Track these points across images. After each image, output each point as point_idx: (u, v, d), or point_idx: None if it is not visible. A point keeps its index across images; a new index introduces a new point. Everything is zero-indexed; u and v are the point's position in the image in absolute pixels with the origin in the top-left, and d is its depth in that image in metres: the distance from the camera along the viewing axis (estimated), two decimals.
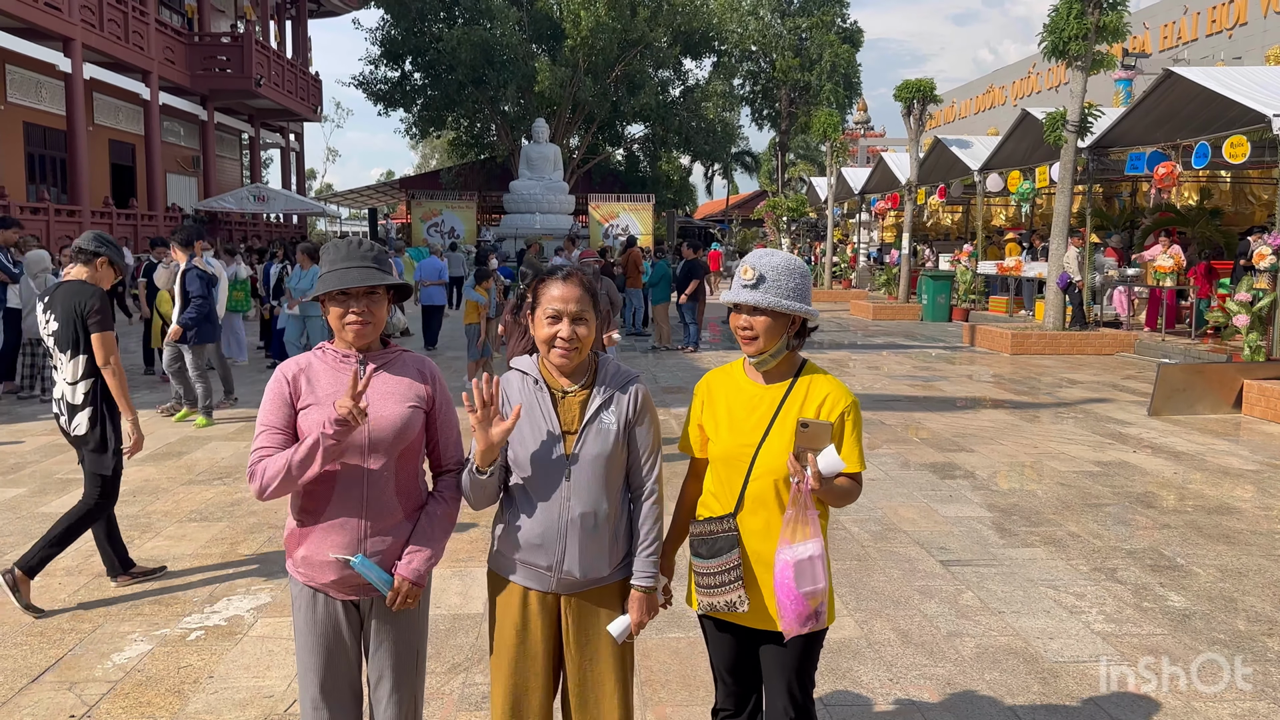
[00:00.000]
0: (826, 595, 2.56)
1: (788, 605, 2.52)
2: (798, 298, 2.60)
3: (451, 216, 37.79)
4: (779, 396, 2.64)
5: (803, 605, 2.51)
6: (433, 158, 73.74)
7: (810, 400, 2.62)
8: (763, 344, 2.61)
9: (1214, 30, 26.09)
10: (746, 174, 51.15)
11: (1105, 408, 10.66)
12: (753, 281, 2.58)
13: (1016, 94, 37.30)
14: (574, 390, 2.65)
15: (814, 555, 2.50)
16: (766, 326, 2.59)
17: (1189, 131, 14.89)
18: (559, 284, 2.60)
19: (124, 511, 6.47)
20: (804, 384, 2.66)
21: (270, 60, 31.49)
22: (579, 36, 34.56)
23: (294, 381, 2.60)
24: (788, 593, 2.51)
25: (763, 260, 2.61)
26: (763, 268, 2.58)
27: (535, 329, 2.62)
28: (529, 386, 2.65)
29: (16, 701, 3.84)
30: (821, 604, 2.55)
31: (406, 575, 2.60)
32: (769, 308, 2.57)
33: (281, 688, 3.98)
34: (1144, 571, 5.45)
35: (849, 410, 2.62)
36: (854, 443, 2.62)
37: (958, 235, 28.66)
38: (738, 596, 2.59)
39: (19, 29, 20.52)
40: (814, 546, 2.51)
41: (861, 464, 2.63)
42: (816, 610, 2.54)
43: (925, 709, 3.84)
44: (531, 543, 2.60)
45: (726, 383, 2.75)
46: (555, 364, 2.62)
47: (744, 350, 2.66)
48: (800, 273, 2.62)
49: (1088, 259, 16.62)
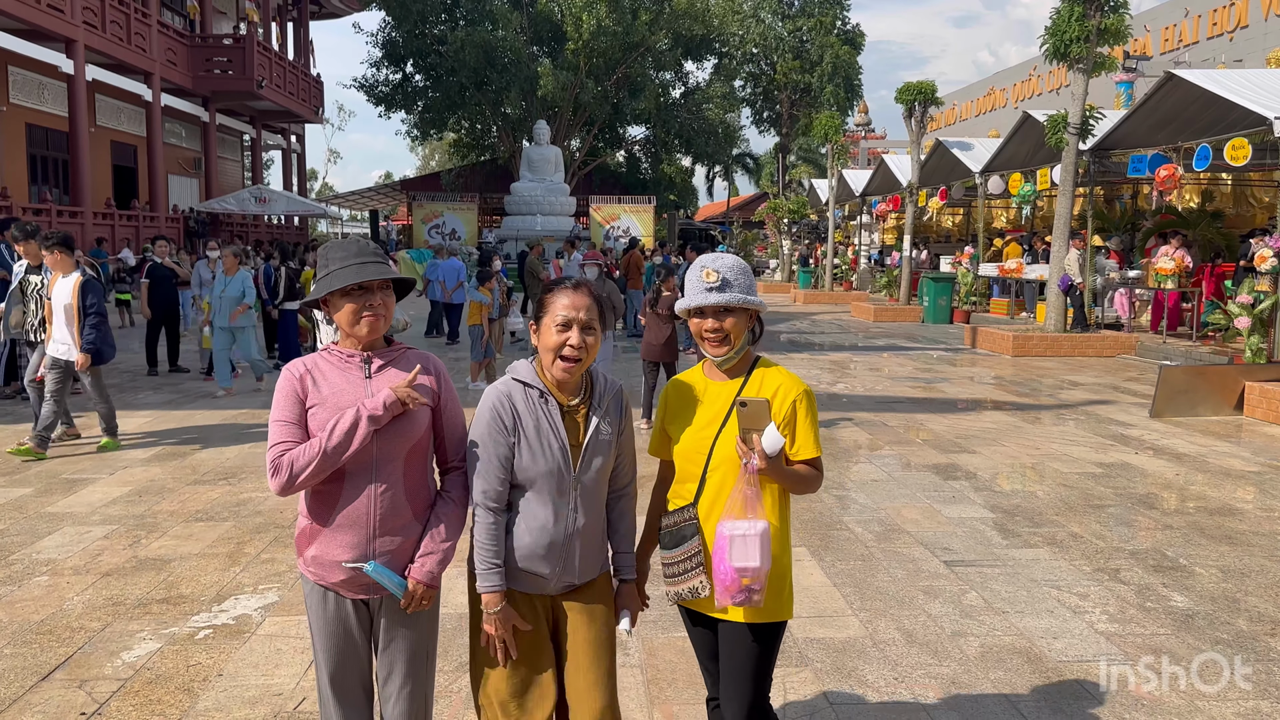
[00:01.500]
0: (762, 577, 2.59)
1: (718, 576, 2.62)
2: (754, 292, 2.75)
3: (452, 218, 37.83)
4: (735, 389, 2.73)
5: (731, 578, 2.58)
6: (433, 159, 73.82)
7: (764, 390, 2.72)
8: (733, 342, 2.71)
9: (1215, 33, 26.13)
10: (748, 176, 51.17)
11: (1107, 409, 10.69)
12: (718, 284, 2.67)
13: (1017, 96, 37.37)
14: (577, 403, 2.69)
15: (750, 534, 2.57)
16: (734, 325, 2.70)
17: (1190, 134, 14.92)
18: (569, 293, 2.64)
19: (130, 512, 6.51)
20: (758, 376, 2.76)
21: (272, 62, 31.55)
22: (580, 40, 34.61)
23: (302, 380, 2.63)
24: (720, 563, 2.61)
25: (719, 263, 2.71)
26: (724, 270, 2.69)
27: (543, 337, 2.64)
28: (534, 399, 2.65)
29: (28, 699, 3.87)
30: (755, 584, 2.59)
31: (420, 579, 2.63)
32: (740, 305, 2.68)
33: (290, 685, 4.00)
34: (1147, 572, 5.47)
35: (800, 398, 2.71)
36: (808, 428, 2.71)
37: (959, 237, 28.70)
38: (699, 582, 2.68)
39: (21, 30, 20.57)
40: (754, 526, 2.58)
41: (816, 449, 2.71)
42: (748, 588, 2.59)
43: (930, 708, 3.86)
44: (536, 554, 2.63)
45: (688, 385, 2.85)
46: (558, 377, 2.64)
47: (712, 352, 2.74)
48: (749, 270, 2.77)
49: (1089, 261, 16.65)
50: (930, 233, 30.41)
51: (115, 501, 6.76)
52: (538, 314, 2.68)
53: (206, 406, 10.55)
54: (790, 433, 2.68)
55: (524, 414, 2.62)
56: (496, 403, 2.63)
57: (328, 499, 2.62)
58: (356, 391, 2.63)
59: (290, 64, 34.23)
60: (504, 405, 2.62)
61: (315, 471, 2.52)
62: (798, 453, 2.70)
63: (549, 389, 2.66)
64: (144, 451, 8.32)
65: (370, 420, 2.53)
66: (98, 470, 7.65)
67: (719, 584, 2.62)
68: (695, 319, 2.72)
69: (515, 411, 2.62)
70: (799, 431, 2.70)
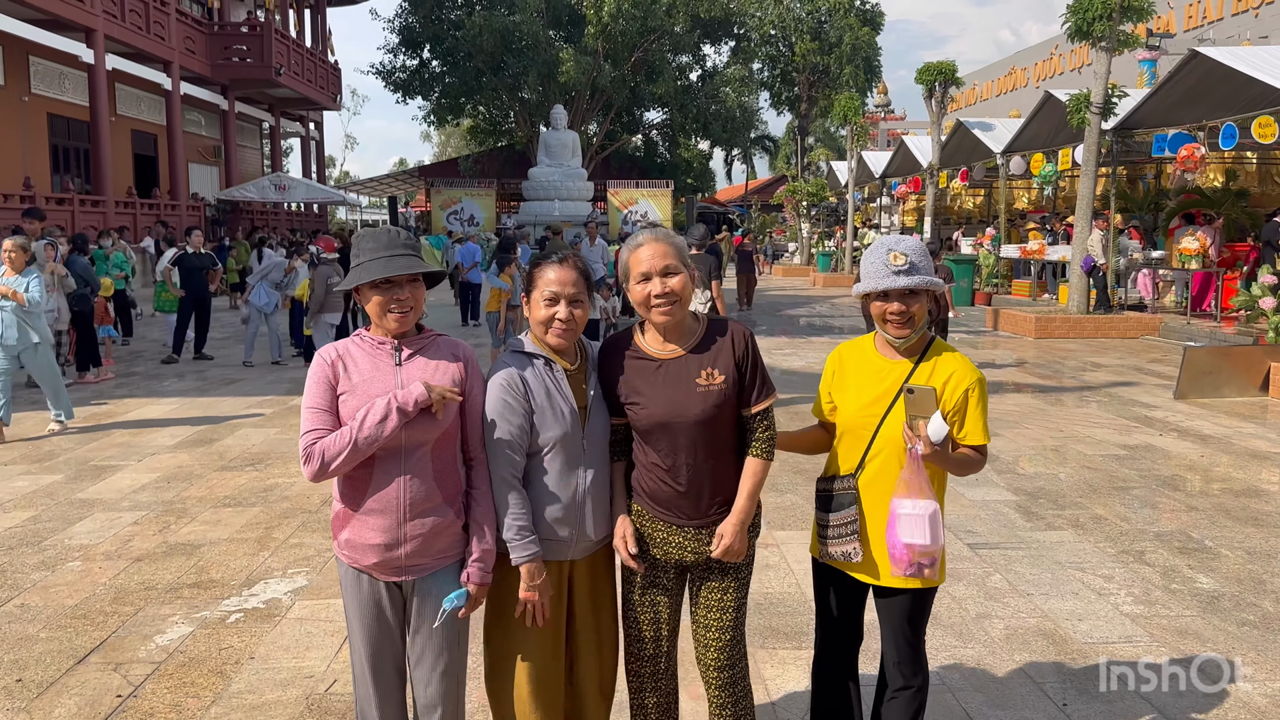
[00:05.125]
0: (934, 555, 2.71)
1: (891, 548, 2.73)
2: (933, 274, 2.77)
3: (471, 204, 37.83)
4: (906, 371, 2.77)
5: (902, 552, 2.69)
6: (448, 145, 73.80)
7: (936, 376, 2.75)
8: (916, 324, 2.75)
9: (1240, 9, 25.74)
10: (767, 158, 50.96)
11: (1130, 391, 10.62)
12: (906, 267, 2.69)
13: (1039, 76, 36.97)
14: (576, 368, 2.80)
15: (918, 514, 2.65)
16: (920, 308, 2.74)
17: (1215, 112, 14.74)
18: (555, 268, 2.74)
19: (159, 498, 6.59)
20: (932, 359, 2.78)
21: (290, 49, 31.61)
22: (600, 24, 34.48)
23: (334, 365, 2.66)
24: (893, 539, 2.71)
25: (906, 245, 2.74)
26: (910, 253, 2.71)
27: (531, 311, 2.75)
28: (541, 367, 2.75)
29: (64, 682, 3.94)
30: (926, 560, 2.71)
31: (479, 582, 2.71)
32: (925, 287, 2.71)
33: (321, 668, 4.06)
34: (1172, 554, 5.46)
35: (973, 387, 2.74)
36: (977, 417, 2.75)
37: (980, 218, 28.49)
38: (853, 548, 2.79)
39: (42, 20, 20.70)
40: (922, 506, 2.66)
41: (984, 437, 2.76)
42: (919, 563, 2.71)
43: (955, 689, 3.88)
44: (554, 517, 2.73)
45: (858, 356, 2.90)
46: (553, 344, 2.74)
47: (895, 334, 2.77)
48: (928, 252, 2.83)
49: (1112, 242, 16.51)
50: (951, 214, 30.19)
51: (144, 488, 6.85)
52: (527, 288, 2.77)
53: (233, 394, 10.64)
54: (960, 419, 2.74)
55: (533, 384, 2.72)
56: (506, 379, 2.71)
57: (359, 484, 2.65)
58: (387, 379, 2.65)
59: (308, 51, 34.29)
60: (514, 381, 2.71)
61: (346, 460, 2.56)
62: (965, 438, 2.75)
63: (550, 356, 2.76)
64: (172, 438, 8.42)
65: (400, 413, 2.56)
66: (126, 457, 7.74)
67: (891, 556, 2.73)
68: (879, 301, 2.74)
69: (525, 383, 2.71)
70: (969, 419, 2.75)
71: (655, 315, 2.72)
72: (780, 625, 4.50)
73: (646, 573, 2.85)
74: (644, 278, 2.71)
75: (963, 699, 3.80)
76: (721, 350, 2.75)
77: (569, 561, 2.80)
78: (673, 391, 2.72)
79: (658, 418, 2.72)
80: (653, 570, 2.85)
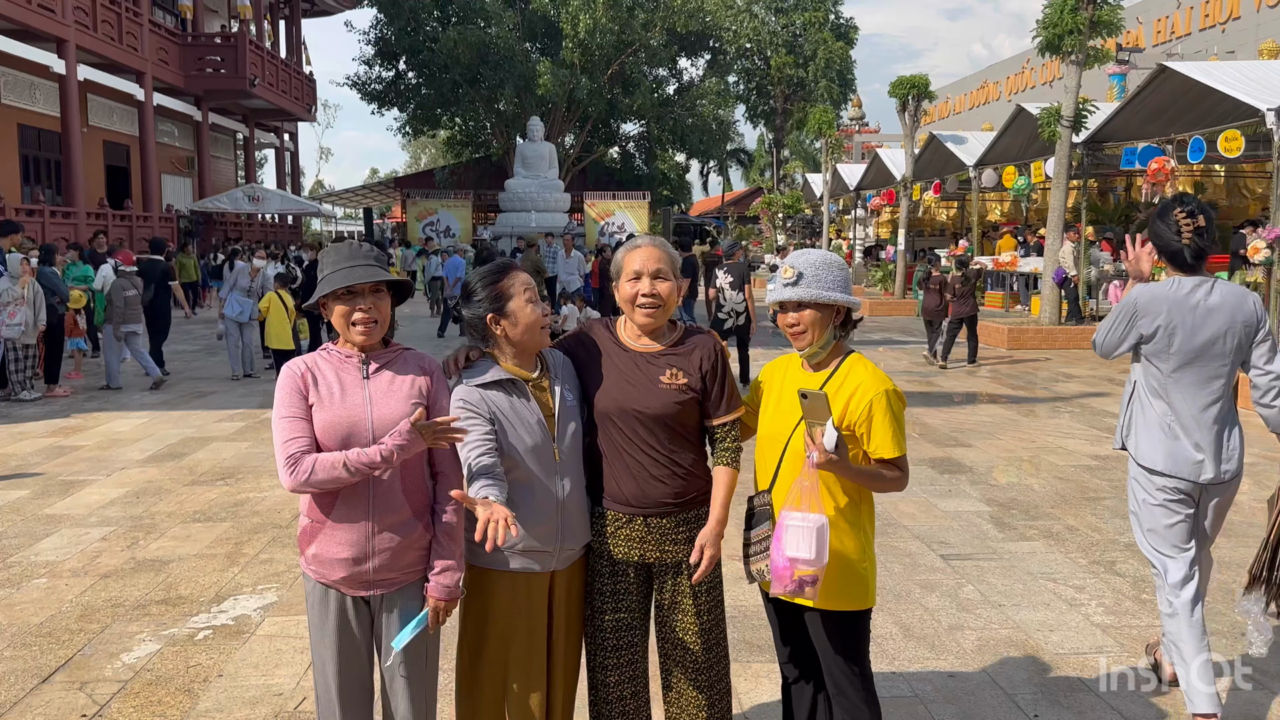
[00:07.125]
0: (817, 574, 2.59)
1: (773, 562, 2.64)
2: (839, 288, 2.74)
3: (447, 215, 37.76)
4: (819, 383, 2.77)
5: (784, 567, 2.59)
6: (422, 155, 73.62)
7: (845, 387, 2.74)
8: (810, 337, 2.75)
9: (1207, 24, 26.14)
10: (742, 171, 51.17)
11: (1102, 402, 10.72)
12: (793, 279, 2.71)
13: (1011, 89, 37.36)
14: (535, 378, 2.80)
15: (806, 527, 2.56)
16: (813, 320, 2.73)
17: (1183, 126, 14.93)
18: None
19: (128, 513, 6.51)
20: (843, 371, 2.79)
21: (264, 60, 31.44)
22: (577, 38, 34.56)
23: (303, 377, 2.64)
24: (777, 551, 2.62)
25: (800, 258, 2.75)
26: (801, 265, 2.73)
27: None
28: (504, 384, 2.75)
29: (28, 702, 3.87)
30: (808, 578, 2.59)
31: (439, 595, 2.67)
32: (812, 300, 2.70)
33: (290, 685, 4.01)
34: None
35: (878, 398, 2.71)
36: (884, 427, 2.72)
37: (953, 231, 28.71)
38: (766, 565, 2.73)
39: (12, 30, 20.47)
40: (811, 520, 2.57)
41: (894, 450, 2.72)
42: (800, 580, 2.59)
43: (928, 701, 3.88)
44: (536, 529, 2.71)
45: (784, 369, 2.93)
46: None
47: (795, 346, 2.81)
48: (838, 265, 2.77)
49: (1083, 254, 16.68)
50: (924, 227, 30.40)
51: (113, 503, 6.76)
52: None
53: (203, 407, 10.54)
54: (866, 431, 2.71)
55: (494, 397, 2.72)
56: (462, 392, 2.72)
57: (327, 498, 2.64)
58: (354, 392, 2.64)
59: (282, 62, 34.12)
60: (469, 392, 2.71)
61: (330, 485, 2.56)
62: (874, 451, 2.73)
63: (509, 371, 2.75)
64: (141, 452, 8.32)
65: (386, 462, 2.54)
66: (94, 471, 7.64)
67: (774, 570, 2.65)
68: (779, 314, 2.78)
69: (482, 394, 2.71)
70: (874, 430, 2.71)
71: (638, 315, 2.79)
72: (753, 638, 4.49)
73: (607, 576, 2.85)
74: (635, 276, 2.79)
75: (934, 710, 3.81)
76: (691, 356, 2.83)
77: (551, 573, 2.79)
78: (633, 382, 2.78)
79: (618, 403, 2.77)
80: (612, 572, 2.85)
